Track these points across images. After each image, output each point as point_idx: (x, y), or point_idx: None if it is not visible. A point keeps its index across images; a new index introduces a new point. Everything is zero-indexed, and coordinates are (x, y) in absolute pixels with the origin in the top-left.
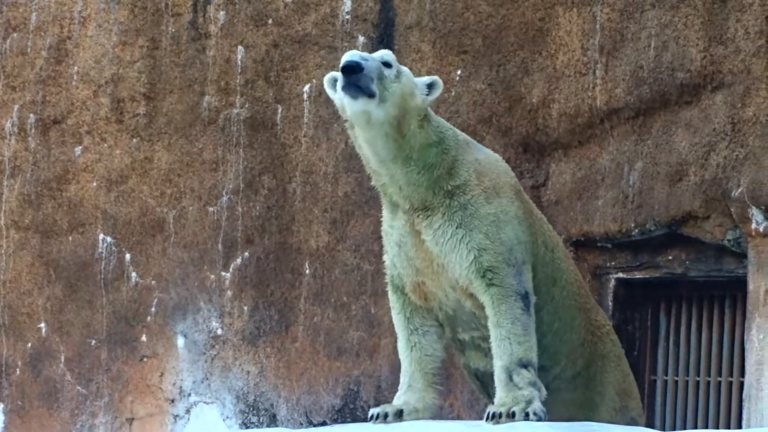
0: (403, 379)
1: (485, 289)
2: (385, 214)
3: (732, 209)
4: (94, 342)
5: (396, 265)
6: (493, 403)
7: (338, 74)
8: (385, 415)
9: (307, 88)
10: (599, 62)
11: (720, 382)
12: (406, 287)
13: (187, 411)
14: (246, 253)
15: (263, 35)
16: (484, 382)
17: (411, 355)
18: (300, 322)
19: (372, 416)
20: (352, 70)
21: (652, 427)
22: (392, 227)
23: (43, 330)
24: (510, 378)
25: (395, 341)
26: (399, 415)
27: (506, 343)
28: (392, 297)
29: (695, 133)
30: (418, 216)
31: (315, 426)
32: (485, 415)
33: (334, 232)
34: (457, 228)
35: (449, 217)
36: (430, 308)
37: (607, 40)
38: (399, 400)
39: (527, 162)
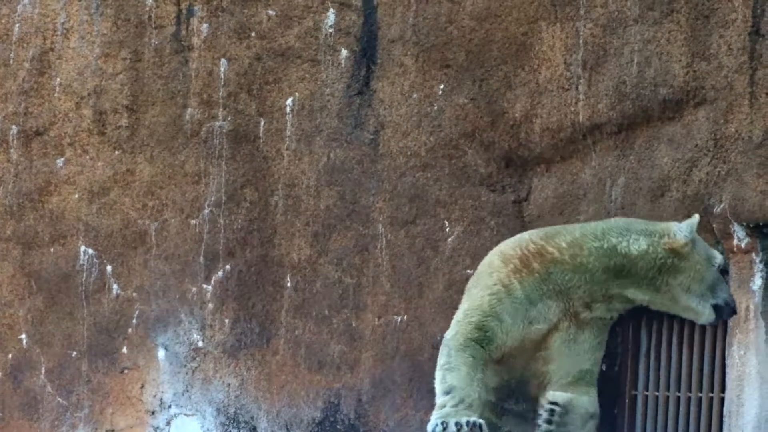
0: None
1: (584, 389)
2: (531, 284)
3: (714, 225)
4: (74, 353)
5: (505, 334)
6: None
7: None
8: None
9: (289, 101)
10: (582, 77)
11: (701, 398)
12: (494, 352)
13: (168, 423)
14: (227, 266)
15: (246, 48)
16: None
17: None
18: (281, 335)
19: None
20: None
21: None
22: (532, 303)
23: (24, 341)
24: None
25: (376, 354)
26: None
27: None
28: (467, 349)
29: (678, 149)
30: (573, 318)
31: None
32: None
33: (316, 245)
34: (597, 336)
35: (598, 326)
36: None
37: (590, 55)
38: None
39: (509, 177)
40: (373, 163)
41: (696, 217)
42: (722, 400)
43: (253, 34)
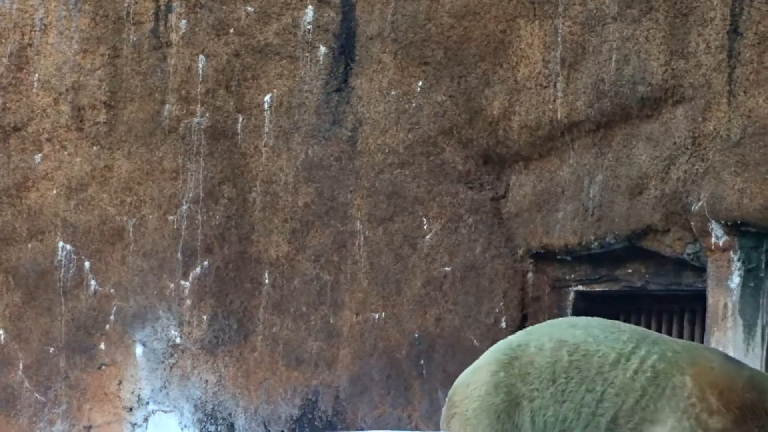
0: None
1: None
2: None
3: (692, 223)
4: (52, 350)
5: None
6: None
7: None
8: None
9: (267, 97)
10: (560, 75)
11: None
12: None
13: (145, 419)
14: (205, 262)
15: (224, 44)
16: None
17: None
18: (259, 332)
19: None
20: None
21: None
22: None
23: (2, 337)
24: None
25: (354, 352)
26: None
27: None
28: None
29: (656, 147)
30: None
31: None
32: None
33: (294, 242)
34: None
35: None
36: None
37: (568, 53)
38: None
39: (487, 174)
40: (351, 160)
41: None
42: None
43: (231, 30)
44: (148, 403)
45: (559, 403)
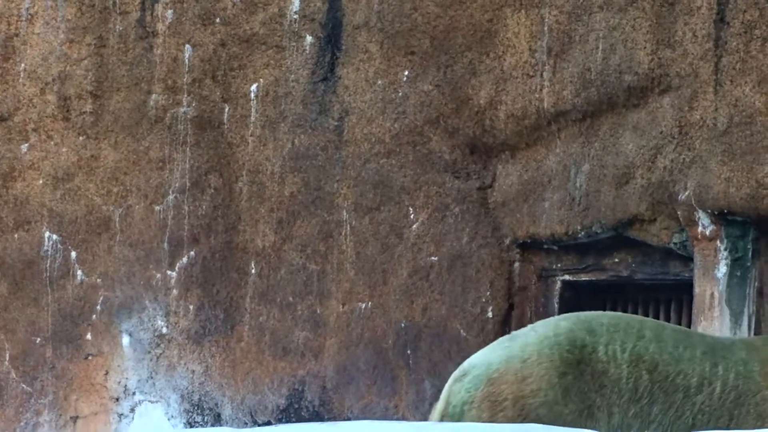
0: None
1: None
2: None
3: (678, 212)
4: (39, 340)
5: None
6: None
7: None
8: None
9: (254, 87)
10: (547, 64)
11: None
12: None
13: (132, 410)
14: (192, 252)
15: (211, 34)
16: None
17: None
18: (245, 322)
19: None
20: None
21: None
22: None
23: None
24: None
25: (340, 341)
26: None
27: None
28: None
29: (642, 136)
30: None
31: (259, 425)
32: None
33: (281, 231)
34: None
35: None
36: None
37: (554, 42)
38: None
39: (474, 163)
40: (338, 149)
41: None
42: None
43: (217, 20)
44: (134, 393)
45: (645, 423)
